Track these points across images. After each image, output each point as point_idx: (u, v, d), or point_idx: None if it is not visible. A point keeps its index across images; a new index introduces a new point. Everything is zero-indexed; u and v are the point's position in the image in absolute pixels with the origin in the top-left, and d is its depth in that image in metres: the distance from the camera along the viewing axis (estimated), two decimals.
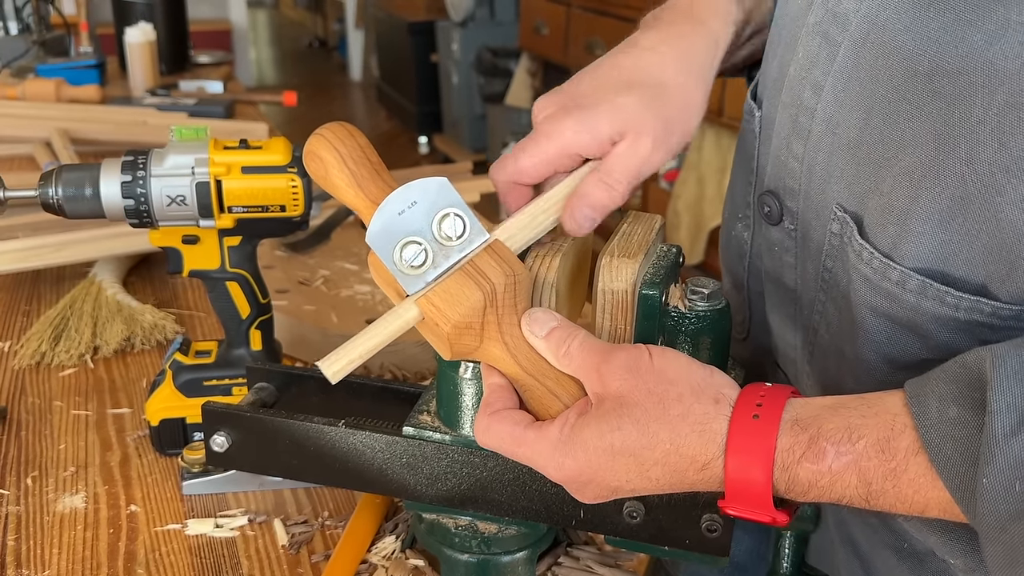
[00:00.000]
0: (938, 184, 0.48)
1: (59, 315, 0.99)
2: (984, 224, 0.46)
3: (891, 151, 0.50)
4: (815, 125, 0.54)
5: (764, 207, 0.61)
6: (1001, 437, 0.39)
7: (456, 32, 4.72)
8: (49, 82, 1.88)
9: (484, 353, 0.51)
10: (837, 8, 0.52)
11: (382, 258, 0.49)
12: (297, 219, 0.73)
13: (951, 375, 0.43)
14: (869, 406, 0.45)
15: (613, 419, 0.47)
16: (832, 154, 0.53)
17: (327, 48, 8.67)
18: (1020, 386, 0.39)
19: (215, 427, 0.66)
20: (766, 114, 0.61)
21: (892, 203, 0.50)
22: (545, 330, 0.50)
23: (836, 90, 0.52)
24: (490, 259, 0.50)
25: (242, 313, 0.77)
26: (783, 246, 0.60)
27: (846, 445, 0.43)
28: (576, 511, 0.59)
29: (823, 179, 0.54)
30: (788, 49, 0.57)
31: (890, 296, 0.51)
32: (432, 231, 0.49)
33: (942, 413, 0.42)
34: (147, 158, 0.70)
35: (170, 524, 0.71)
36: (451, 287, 0.49)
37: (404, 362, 0.94)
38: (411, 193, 0.50)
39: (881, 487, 0.43)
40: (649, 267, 0.57)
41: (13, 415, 0.85)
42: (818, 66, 0.53)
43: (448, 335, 0.49)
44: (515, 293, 0.51)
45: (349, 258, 1.16)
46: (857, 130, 0.51)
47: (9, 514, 0.72)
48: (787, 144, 0.57)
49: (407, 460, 0.61)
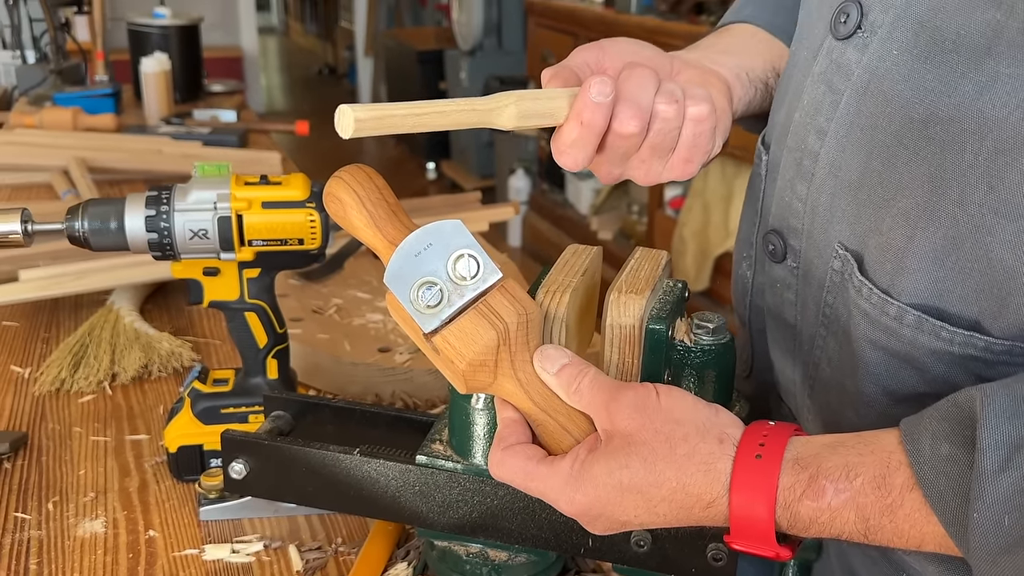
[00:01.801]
0: (932, 224, 0.50)
1: (78, 342, 1.01)
2: (976, 263, 0.49)
3: (889, 193, 0.52)
4: (819, 168, 0.57)
5: (769, 245, 0.63)
6: (990, 473, 0.41)
7: (464, 61, 4.78)
8: (66, 111, 1.91)
9: (498, 388, 0.53)
10: (841, 59, 0.55)
11: (399, 298, 0.51)
12: (315, 252, 0.76)
13: (943, 413, 0.45)
14: (866, 444, 0.46)
15: (622, 456, 0.48)
16: (834, 195, 0.56)
17: (337, 75, 8.75)
18: (1008, 424, 0.41)
19: (234, 455, 0.68)
20: (773, 157, 0.64)
21: (890, 242, 0.52)
22: (556, 367, 0.52)
23: (839, 135, 0.55)
24: (503, 298, 0.52)
25: (259, 343, 0.79)
26: (785, 283, 0.62)
27: (844, 482, 0.45)
28: (584, 539, 0.60)
29: (825, 219, 0.57)
30: (795, 97, 0.60)
31: (888, 330, 0.53)
32: (447, 271, 0.51)
33: (935, 450, 0.43)
34: (171, 193, 0.73)
35: (188, 549, 0.73)
36: (466, 326, 0.51)
37: (415, 390, 0.96)
38: (427, 236, 0.52)
39: (879, 522, 0.44)
40: (656, 302, 0.59)
41: (34, 441, 0.87)
42: (822, 112, 0.56)
43: (463, 372, 0.51)
44: (527, 331, 0.53)
45: (361, 287, 1.18)
46: (858, 173, 0.54)
47: (31, 538, 0.74)
48: (791, 185, 0.60)
49: (420, 488, 0.63)
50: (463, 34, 4.74)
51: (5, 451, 0.84)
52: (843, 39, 0.55)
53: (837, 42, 0.55)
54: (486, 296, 0.51)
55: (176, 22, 2.41)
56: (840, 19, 0.55)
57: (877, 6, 0.53)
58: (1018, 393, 0.42)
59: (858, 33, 0.54)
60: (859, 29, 0.54)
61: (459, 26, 4.77)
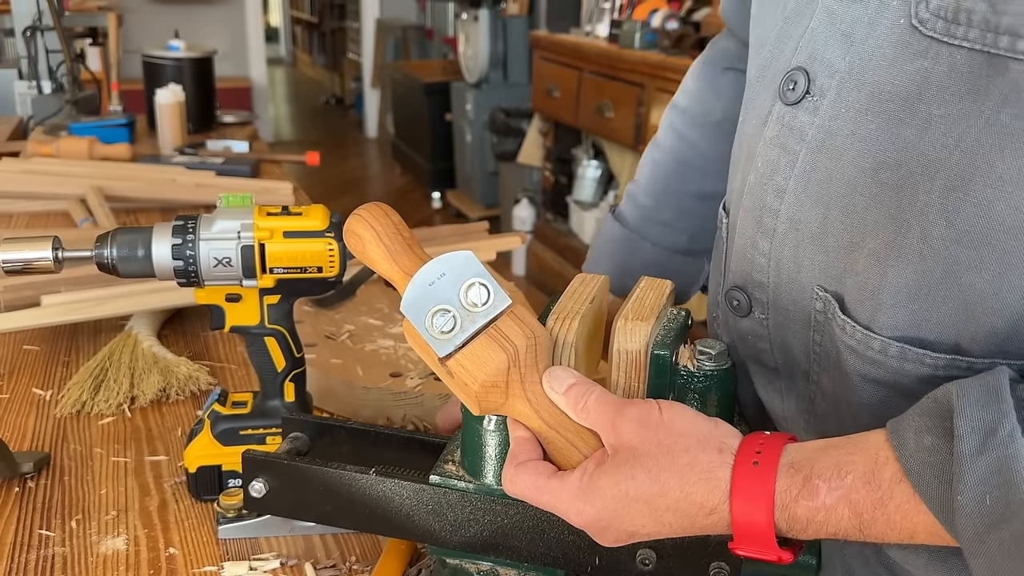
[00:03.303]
0: (902, 261, 0.53)
1: (98, 366, 1.04)
2: (947, 291, 0.52)
3: (857, 237, 0.56)
4: (779, 224, 0.60)
5: (733, 301, 0.67)
6: (968, 457, 0.44)
7: (470, 93, 4.84)
8: (82, 140, 1.96)
9: (509, 409, 0.56)
10: (793, 123, 0.59)
11: (415, 325, 0.54)
12: (332, 279, 0.79)
13: (924, 409, 0.48)
14: (855, 444, 0.49)
15: (627, 469, 0.51)
16: (798, 247, 0.60)
17: (344, 105, 8.85)
18: (982, 411, 0.44)
19: (254, 474, 0.70)
20: (732, 220, 0.68)
21: (866, 281, 0.56)
22: (564, 386, 0.55)
23: (797, 192, 0.59)
24: (513, 323, 0.55)
25: (278, 366, 0.82)
26: (756, 334, 0.66)
27: (836, 480, 0.48)
28: (592, 558, 0.62)
29: (792, 269, 0.60)
30: (747, 161, 0.64)
31: (875, 363, 0.56)
32: (460, 299, 0.54)
33: (918, 443, 0.46)
34: (196, 223, 0.76)
35: (207, 566, 0.75)
36: (478, 350, 0.54)
37: (426, 414, 0.99)
38: (440, 266, 0.55)
39: (871, 516, 0.47)
40: (660, 329, 0.62)
41: (56, 461, 0.90)
42: (779, 172, 0.60)
43: (476, 393, 0.54)
44: (536, 354, 0.55)
45: (373, 313, 1.21)
46: (818, 224, 0.58)
47: (56, 555, 0.76)
48: (752, 243, 0.63)
49: (433, 507, 0.65)
50: (469, 67, 4.81)
51: (29, 471, 0.86)
52: (792, 104, 0.58)
53: (787, 107, 0.59)
54: (497, 321, 0.54)
55: (190, 54, 2.46)
56: (788, 87, 0.59)
57: (823, 72, 0.56)
58: (990, 384, 0.45)
59: (807, 98, 0.57)
60: (808, 94, 0.57)
61: (465, 59, 4.85)
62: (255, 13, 6.64)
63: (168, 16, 6.00)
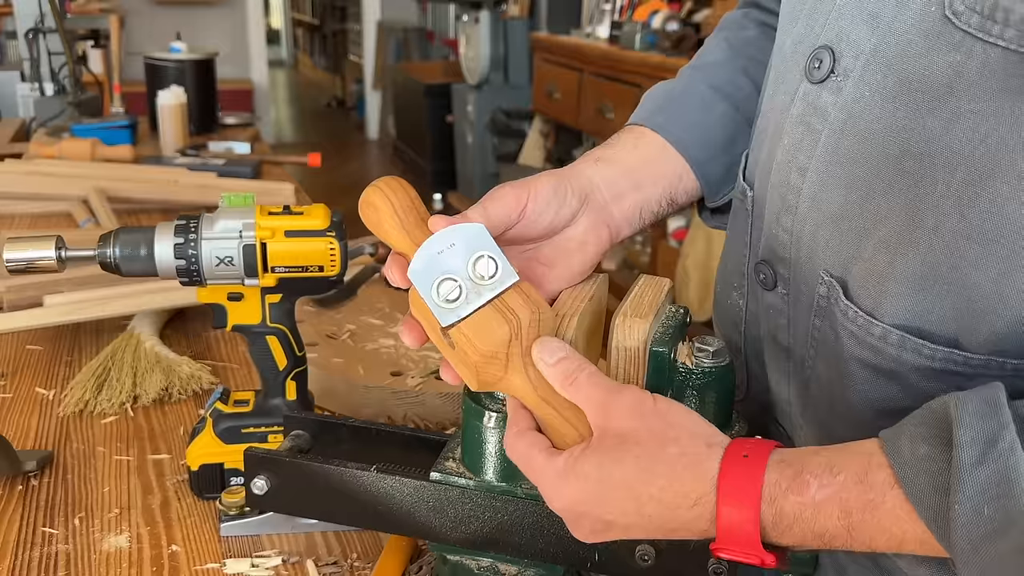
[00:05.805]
0: (911, 251, 0.54)
1: (101, 365, 1.05)
2: (952, 285, 0.52)
3: (869, 223, 0.56)
4: (801, 202, 0.61)
5: (760, 275, 0.67)
6: (968, 466, 0.44)
7: (471, 95, 4.85)
8: (85, 142, 1.96)
9: (508, 383, 0.56)
10: (817, 102, 0.59)
11: (421, 292, 0.54)
12: (333, 278, 0.79)
13: (919, 419, 0.48)
14: (848, 448, 0.50)
15: (615, 452, 0.51)
16: (817, 227, 0.60)
17: (345, 108, 8.86)
18: (981, 422, 0.44)
19: (256, 471, 0.71)
20: (758, 193, 0.68)
21: (872, 268, 0.56)
22: (555, 358, 0.54)
23: (819, 171, 0.59)
24: (518, 297, 0.55)
25: (279, 365, 0.82)
26: (777, 309, 0.66)
27: (827, 478, 0.48)
28: (591, 553, 0.63)
29: (810, 248, 0.61)
30: (775, 137, 0.64)
31: (874, 349, 0.57)
32: (467, 270, 0.54)
33: (913, 451, 0.47)
34: (198, 222, 0.77)
35: (209, 563, 0.76)
36: (481, 320, 0.54)
37: (427, 413, 0.99)
38: (450, 235, 0.55)
39: (861, 518, 0.47)
40: (659, 326, 0.62)
41: (59, 459, 0.91)
42: (803, 151, 0.60)
43: (476, 363, 0.54)
44: (539, 329, 0.56)
45: (374, 313, 1.22)
46: (839, 205, 0.58)
47: (59, 552, 0.77)
48: (777, 219, 0.63)
49: (433, 503, 0.66)
50: (470, 68, 4.82)
51: (32, 469, 0.87)
52: (817, 83, 0.59)
53: (812, 86, 0.59)
54: (503, 295, 0.54)
55: (192, 56, 2.47)
56: (814, 65, 0.59)
57: (848, 52, 0.57)
58: (989, 397, 0.46)
59: (831, 77, 0.58)
60: (832, 74, 0.57)
61: (466, 61, 4.86)
62: (256, 15, 6.67)
63: (170, 18, 6.02)
